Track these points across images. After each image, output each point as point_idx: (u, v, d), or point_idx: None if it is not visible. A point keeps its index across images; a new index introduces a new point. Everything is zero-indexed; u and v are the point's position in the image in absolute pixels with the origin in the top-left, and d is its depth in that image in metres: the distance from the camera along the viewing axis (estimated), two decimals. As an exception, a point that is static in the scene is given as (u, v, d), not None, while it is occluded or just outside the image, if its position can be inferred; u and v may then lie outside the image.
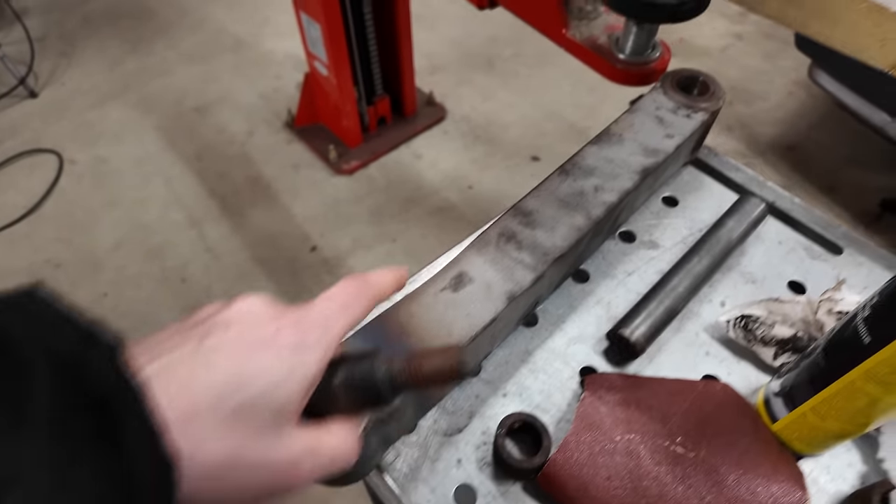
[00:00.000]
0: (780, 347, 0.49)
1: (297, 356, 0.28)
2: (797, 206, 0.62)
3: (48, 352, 0.20)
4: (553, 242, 0.49)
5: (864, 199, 1.96)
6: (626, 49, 0.73)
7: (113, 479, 0.20)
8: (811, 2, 0.54)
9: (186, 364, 0.25)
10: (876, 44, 0.53)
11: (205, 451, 0.24)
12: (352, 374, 0.32)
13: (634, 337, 0.49)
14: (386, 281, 0.35)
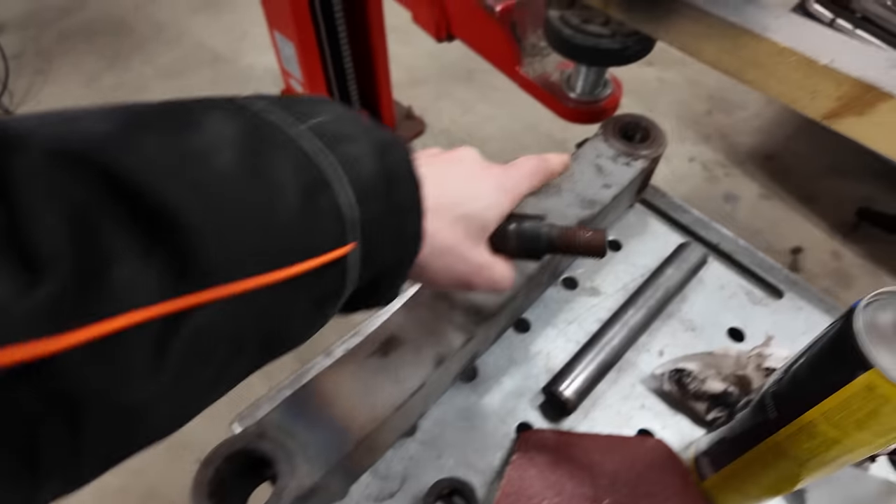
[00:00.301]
0: (712, 402, 0.50)
1: (499, 194, 0.38)
2: (741, 249, 0.63)
3: (372, 138, 0.29)
4: (486, 301, 0.49)
5: (843, 209, 1.98)
6: (576, 88, 0.74)
7: (391, 208, 0.29)
8: (745, 53, 0.54)
9: (438, 176, 0.35)
10: (807, 95, 0.54)
11: (440, 236, 0.34)
12: (523, 225, 0.41)
13: (566, 395, 0.49)
14: (558, 162, 0.45)
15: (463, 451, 0.49)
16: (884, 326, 0.29)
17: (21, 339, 0.17)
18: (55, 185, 0.19)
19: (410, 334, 0.47)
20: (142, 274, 0.19)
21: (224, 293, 0.21)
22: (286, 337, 0.27)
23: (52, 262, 0.17)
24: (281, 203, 0.24)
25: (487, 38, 0.83)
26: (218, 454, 0.40)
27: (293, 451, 0.40)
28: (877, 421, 0.30)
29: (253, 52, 2.43)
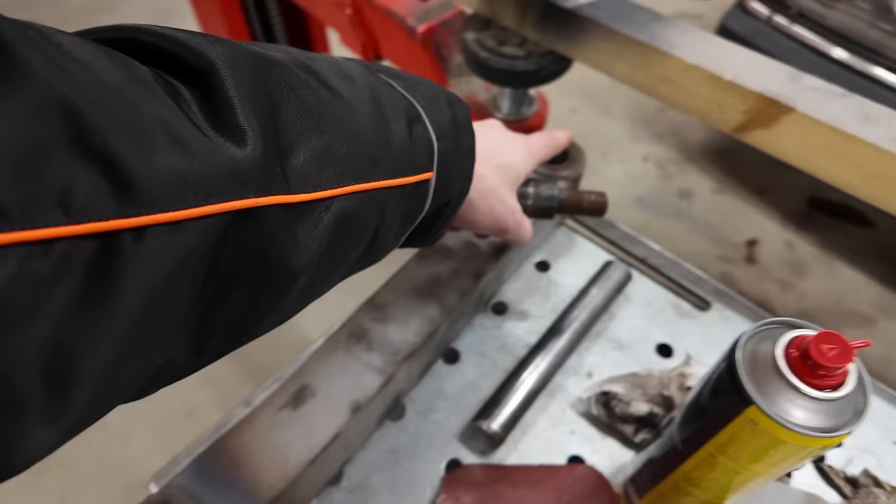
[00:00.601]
0: (639, 424, 0.49)
1: (526, 154, 0.47)
2: (668, 262, 0.63)
3: (444, 92, 0.38)
4: (405, 339, 0.48)
5: (793, 199, 2.03)
6: (502, 107, 0.73)
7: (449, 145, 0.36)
8: (655, 70, 0.55)
9: (484, 134, 0.42)
10: (717, 109, 0.54)
11: (487, 179, 0.42)
12: (540, 187, 0.49)
13: (493, 428, 0.48)
14: (563, 136, 0.54)
15: (392, 495, 0.48)
16: (762, 359, 0.29)
17: (236, 195, 0.21)
18: (254, 77, 0.23)
19: (324, 382, 0.46)
20: (304, 160, 0.25)
21: (356, 189, 0.27)
22: (382, 240, 0.32)
23: (254, 134, 0.22)
24: (395, 127, 0.31)
25: (413, 59, 0.82)
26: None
27: (198, 519, 0.39)
28: (766, 454, 0.29)
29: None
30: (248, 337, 0.27)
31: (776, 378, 0.27)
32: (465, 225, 0.44)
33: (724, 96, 0.53)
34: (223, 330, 0.24)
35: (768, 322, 0.31)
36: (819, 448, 0.28)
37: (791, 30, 1.60)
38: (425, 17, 0.77)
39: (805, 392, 0.27)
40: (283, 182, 0.23)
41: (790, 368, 0.27)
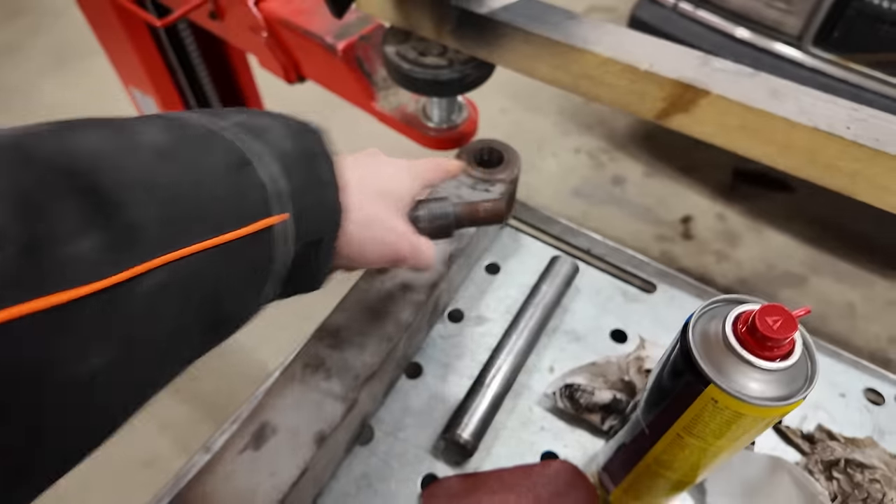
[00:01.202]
0: (605, 412, 0.50)
1: (410, 176, 0.43)
2: (611, 251, 0.64)
3: (287, 124, 0.35)
4: (363, 361, 0.47)
5: (719, 173, 2.13)
6: (433, 117, 0.73)
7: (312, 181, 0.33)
8: (574, 67, 0.56)
9: (358, 161, 0.41)
10: (637, 100, 0.56)
11: (365, 209, 0.38)
12: (431, 206, 0.46)
13: (464, 439, 0.48)
14: (454, 165, 0.49)
15: (369, 521, 0.47)
16: (713, 338, 0.30)
17: None
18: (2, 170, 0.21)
19: (284, 417, 0.44)
20: (85, 249, 0.21)
21: (165, 260, 0.24)
22: (233, 303, 0.30)
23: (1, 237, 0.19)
24: (209, 179, 0.27)
25: (337, 77, 0.81)
26: None
27: (165, 583, 0.36)
28: (729, 428, 0.30)
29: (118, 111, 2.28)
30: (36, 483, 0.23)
31: (729, 355, 0.29)
32: (356, 262, 0.40)
33: (643, 86, 0.55)
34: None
35: (713, 301, 0.32)
36: (778, 416, 0.29)
37: (696, 14, 1.69)
38: (343, 34, 0.77)
39: (758, 365, 0.28)
40: (41, 281, 0.20)
41: (740, 344, 0.28)
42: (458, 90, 0.64)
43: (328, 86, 0.85)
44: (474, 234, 0.56)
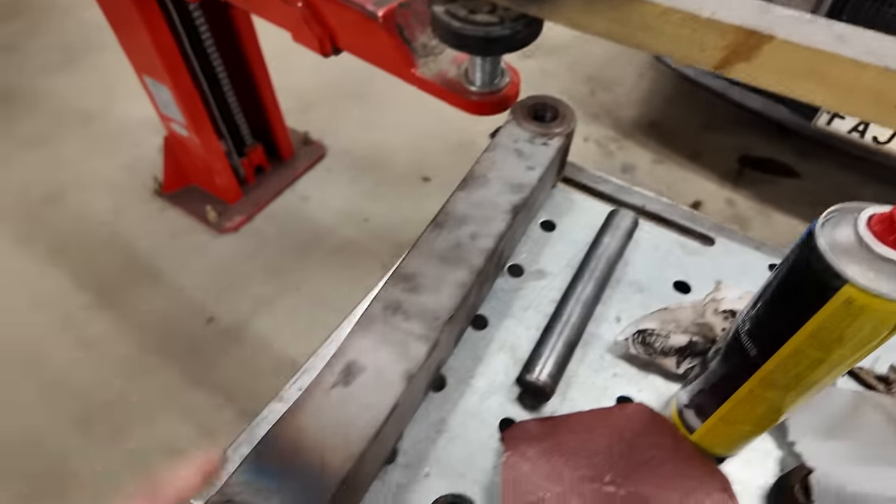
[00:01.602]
0: (681, 355, 0.50)
1: None
2: (666, 206, 0.65)
3: None
4: (441, 304, 0.47)
5: (725, 159, 2.15)
6: (476, 81, 0.73)
7: None
8: (632, 19, 0.56)
9: None
10: (697, 49, 0.56)
11: None
12: None
13: (541, 381, 0.48)
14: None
15: (450, 463, 0.46)
16: (843, 242, 0.30)
17: None
18: None
19: (370, 356, 0.44)
20: None
21: None
22: None
23: None
24: None
25: (376, 45, 0.81)
26: (183, 538, 0.34)
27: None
28: (856, 334, 0.30)
29: (125, 105, 2.26)
30: None
31: (864, 254, 0.29)
32: None
33: (704, 35, 0.55)
34: None
35: (832, 210, 0.32)
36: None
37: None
38: (383, 1, 0.76)
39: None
40: None
41: (879, 241, 0.28)
42: (509, 48, 0.64)
43: (365, 56, 0.85)
44: (535, 185, 0.56)
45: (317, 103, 2.29)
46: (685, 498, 0.42)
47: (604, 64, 2.49)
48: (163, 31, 1.44)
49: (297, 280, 1.76)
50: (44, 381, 1.54)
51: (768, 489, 0.45)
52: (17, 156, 2.09)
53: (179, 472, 0.33)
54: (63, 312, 1.68)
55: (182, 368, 1.56)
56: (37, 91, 2.34)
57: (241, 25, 1.63)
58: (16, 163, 2.07)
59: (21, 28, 2.61)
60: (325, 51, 0.90)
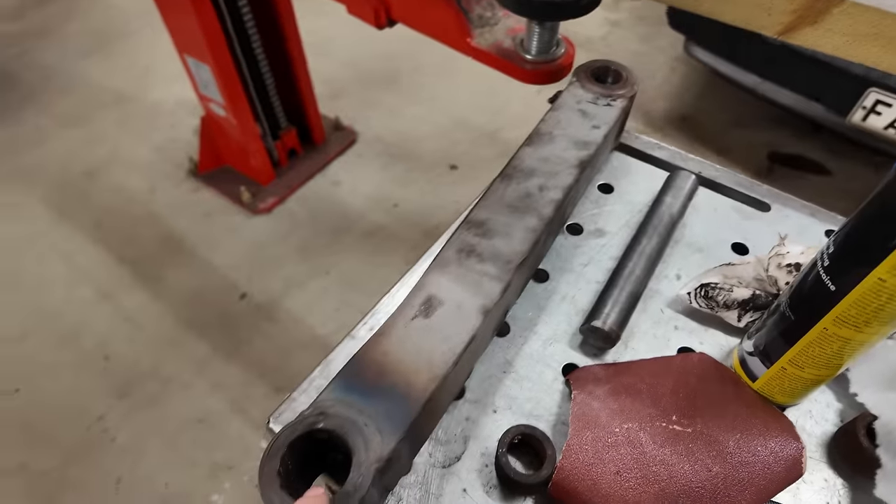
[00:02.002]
0: (743, 308, 0.51)
1: None
2: (722, 173, 0.65)
3: None
4: (513, 248, 0.49)
5: (755, 155, 2.14)
6: (531, 49, 0.74)
7: None
8: (700, -19, 0.57)
9: None
10: (763, 14, 0.57)
11: None
12: None
13: (608, 326, 0.49)
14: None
15: (516, 401, 0.48)
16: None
17: None
18: None
19: (448, 292, 0.45)
20: None
21: None
22: None
23: None
24: None
25: (432, 16, 0.83)
26: (281, 443, 0.36)
27: (361, 424, 0.38)
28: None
29: (160, 87, 2.31)
30: None
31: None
32: None
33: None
34: None
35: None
36: None
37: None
38: (441, -28, 0.78)
39: None
40: None
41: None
42: (573, 13, 0.65)
43: (420, 27, 0.87)
44: (600, 143, 0.58)
45: (347, 91, 2.32)
46: (752, 438, 0.43)
47: (633, 57, 2.48)
48: (208, 11, 1.47)
49: (327, 263, 1.78)
50: (83, 350, 1.58)
51: (829, 437, 0.46)
52: (57, 133, 2.14)
53: None
54: (101, 285, 1.72)
55: (215, 343, 1.60)
56: (72, 73, 2.39)
57: (281, 9, 1.66)
58: (56, 139, 2.12)
59: (56, 12, 2.68)
60: (379, 22, 0.92)
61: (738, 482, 0.41)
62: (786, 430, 0.44)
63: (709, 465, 0.42)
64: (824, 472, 0.44)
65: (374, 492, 0.37)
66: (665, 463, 0.42)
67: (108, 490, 1.35)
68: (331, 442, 0.38)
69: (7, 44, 2.52)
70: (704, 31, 1.98)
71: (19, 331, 1.63)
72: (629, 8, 2.72)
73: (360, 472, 0.35)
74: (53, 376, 1.54)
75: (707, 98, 2.31)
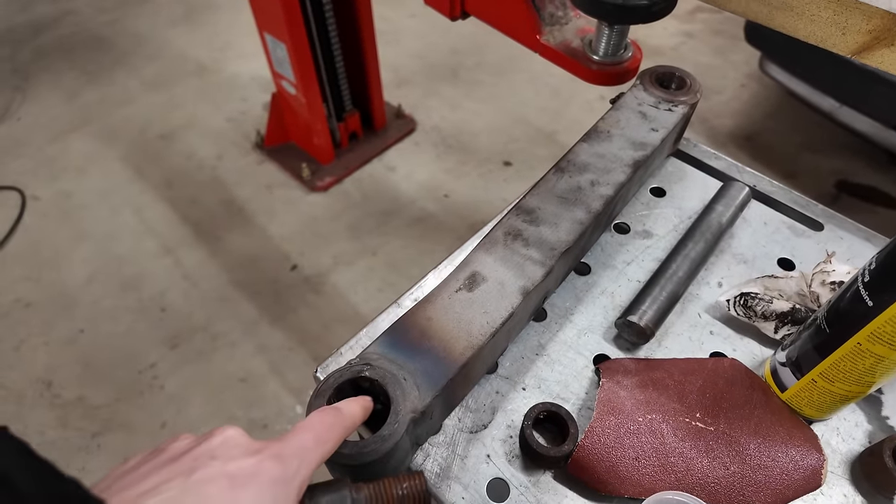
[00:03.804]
0: (780, 321, 0.52)
1: (279, 488, 0.29)
2: (777, 189, 0.65)
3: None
4: (558, 237, 0.51)
5: (822, 182, 2.06)
6: (599, 51, 0.76)
7: None
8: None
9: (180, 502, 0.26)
10: (837, 33, 0.57)
11: None
12: (320, 502, 0.34)
13: (644, 321, 0.51)
14: (356, 411, 0.37)
15: (545, 382, 0.50)
16: None
17: None
18: None
19: (492, 271, 0.48)
20: None
21: None
22: None
23: None
24: None
25: (505, 11, 0.85)
26: (328, 385, 0.40)
27: (401, 378, 0.41)
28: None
29: (237, 62, 2.42)
30: None
31: None
32: None
33: (847, 17, 0.55)
34: None
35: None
36: None
37: None
38: (517, -31, 0.80)
39: None
40: None
41: None
42: (643, 18, 0.66)
43: (492, 20, 0.89)
44: (657, 146, 0.59)
45: (412, 81, 2.37)
46: (774, 444, 0.44)
47: (704, 71, 2.43)
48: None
49: (375, 244, 1.84)
50: (142, 300, 1.69)
51: (854, 456, 0.46)
52: (142, 96, 2.28)
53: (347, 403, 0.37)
54: (165, 241, 1.83)
55: (263, 308, 1.68)
56: (161, 41, 2.54)
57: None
58: (140, 102, 2.26)
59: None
60: (453, 14, 0.95)
61: (755, 483, 0.42)
62: (809, 441, 0.45)
63: (727, 463, 0.43)
64: (845, 489, 0.45)
65: (407, 440, 0.41)
66: (684, 455, 0.43)
67: (154, 430, 1.45)
68: (372, 391, 0.41)
69: (103, 10, 2.69)
70: (783, 49, 1.92)
71: (85, 276, 1.75)
72: (704, 20, 2.66)
73: (397, 419, 0.39)
74: (114, 321, 1.65)
75: (777, 118, 2.24)
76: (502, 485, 0.44)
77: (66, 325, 1.64)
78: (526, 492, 0.44)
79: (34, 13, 2.68)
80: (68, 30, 2.59)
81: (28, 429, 1.46)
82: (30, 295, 1.71)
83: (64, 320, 1.65)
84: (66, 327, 1.64)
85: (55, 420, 1.47)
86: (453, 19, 0.96)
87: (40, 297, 1.71)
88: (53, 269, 1.77)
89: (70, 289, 1.73)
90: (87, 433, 1.45)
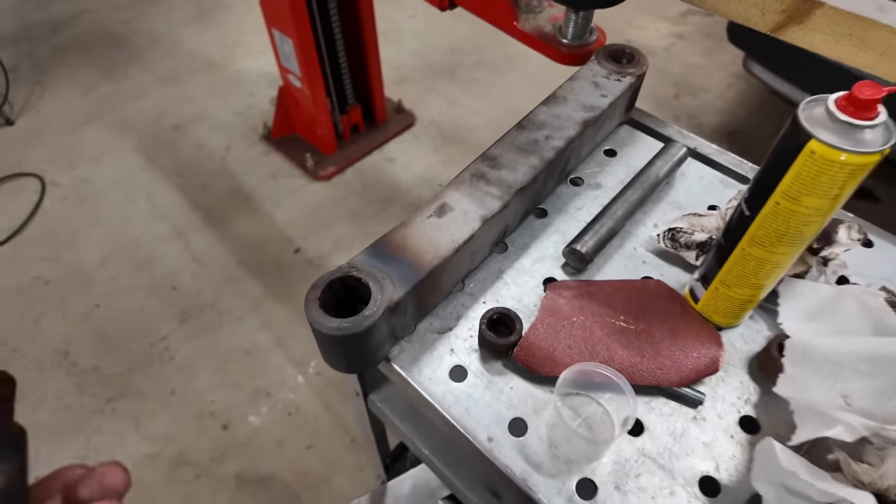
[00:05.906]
0: (700, 249, 0.62)
1: None
2: (715, 151, 0.76)
3: None
4: (515, 178, 0.61)
5: (802, 176, 2.15)
6: (568, 35, 0.86)
7: None
8: (703, -20, 0.68)
9: None
10: (758, 13, 0.67)
11: None
12: None
13: (585, 249, 0.61)
14: None
15: (502, 298, 0.60)
16: (816, 115, 0.41)
17: None
18: None
19: (458, 202, 0.58)
20: None
21: None
22: None
23: None
24: None
25: (488, 1, 0.96)
26: (321, 281, 0.50)
27: (380, 278, 0.51)
28: (821, 182, 0.42)
29: (245, 59, 2.54)
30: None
31: (830, 123, 0.40)
32: None
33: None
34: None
35: (814, 97, 0.43)
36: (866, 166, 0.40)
37: None
38: (496, -36, 0.90)
39: (851, 122, 0.39)
40: None
41: (838, 109, 0.40)
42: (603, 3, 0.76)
43: (475, 9, 1.00)
44: (605, 110, 0.69)
45: (412, 78, 2.48)
46: (684, 341, 0.54)
47: (693, 70, 2.53)
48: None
49: (373, 230, 1.94)
50: (154, 278, 1.80)
51: (753, 354, 0.56)
52: (155, 90, 2.40)
53: None
54: (176, 224, 1.94)
55: (268, 287, 1.78)
56: (175, 38, 2.66)
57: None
58: (154, 95, 2.38)
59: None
60: (442, 4, 1.06)
61: (664, 367, 0.52)
62: (712, 339, 0.55)
63: (643, 352, 0.53)
64: (742, 377, 0.55)
65: (384, 326, 0.51)
66: (608, 346, 0.53)
67: (164, 398, 1.55)
68: (358, 291, 0.51)
69: (118, 8, 2.83)
70: (763, 48, 2.03)
71: (101, 256, 1.86)
72: (695, 23, 2.76)
73: (376, 305, 0.49)
74: (128, 297, 1.76)
75: (761, 116, 2.34)
76: (462, 370, 0.54)
77: (83, 300, 1.75)
78: (481, 375, 0.54)
79: (50, 12, 2.81)
80: (85, 28, 2.72)
81: (47, 394, 1.56)
82: (49, 273, 1.83)
83: (81, 296, 1.77)
84: (83, 303, 1.75)
85: (72, 386, 1.58)
86: (442, 9, 1.07)
87: (59, 275, 1.82)
88: (71, 249, 1.89)
89: (86, 268, 1.84)
90: (101, 398, 1.56)
